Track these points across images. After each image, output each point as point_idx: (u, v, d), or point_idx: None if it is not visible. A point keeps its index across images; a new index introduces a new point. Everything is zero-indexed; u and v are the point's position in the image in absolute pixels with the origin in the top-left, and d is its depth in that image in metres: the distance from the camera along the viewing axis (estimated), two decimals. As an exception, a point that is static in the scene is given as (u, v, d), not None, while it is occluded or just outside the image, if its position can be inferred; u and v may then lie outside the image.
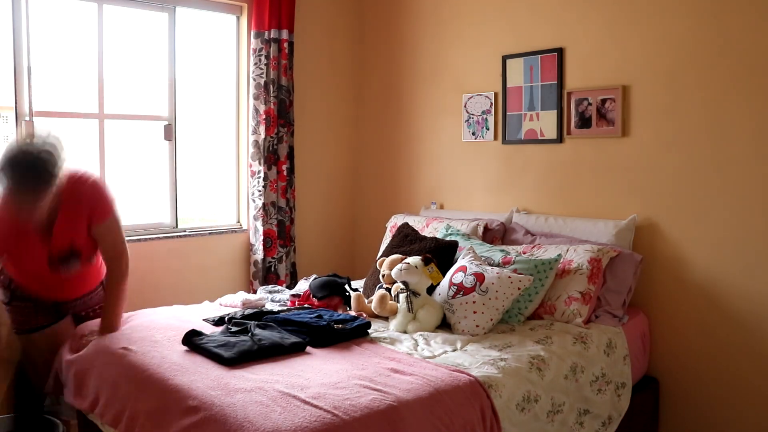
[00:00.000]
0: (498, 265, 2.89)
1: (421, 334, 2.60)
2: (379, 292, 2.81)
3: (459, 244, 3.13)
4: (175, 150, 3.72)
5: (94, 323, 2.66)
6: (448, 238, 3.23)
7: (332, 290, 2.98)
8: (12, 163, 2.23)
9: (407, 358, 2.28)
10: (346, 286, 3.03)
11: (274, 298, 3.13)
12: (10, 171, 2.23)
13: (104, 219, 2.56)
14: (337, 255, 4.43)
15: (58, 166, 2.30)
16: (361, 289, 3.20)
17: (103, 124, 3.48)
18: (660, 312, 3.01)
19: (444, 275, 2.86)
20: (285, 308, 2.84)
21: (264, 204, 3.87)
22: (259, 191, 3.87)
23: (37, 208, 2.33)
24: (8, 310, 2.68)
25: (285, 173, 3.91)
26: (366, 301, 2.90)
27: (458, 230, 3.31)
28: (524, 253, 3.00)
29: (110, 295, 2.64)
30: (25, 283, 2.66)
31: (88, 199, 2.52)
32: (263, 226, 3.88)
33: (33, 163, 2.24)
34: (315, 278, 3.17)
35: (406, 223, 3.40)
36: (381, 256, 3.17)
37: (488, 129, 3.63)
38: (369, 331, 2.56)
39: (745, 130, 2.71)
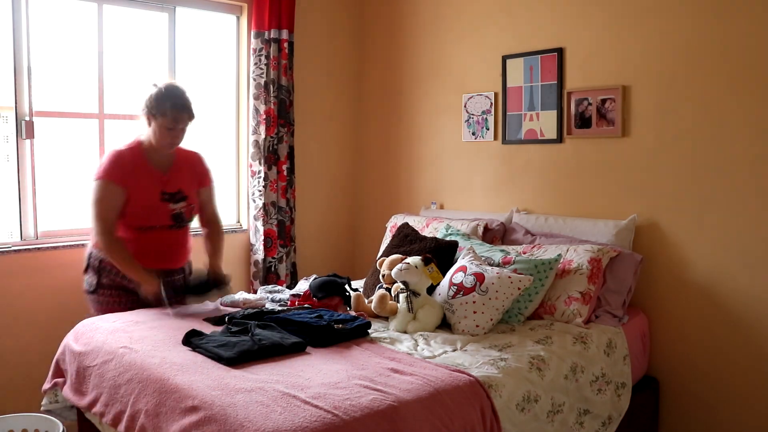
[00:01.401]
0: (498, 265, 2.89)
1: (421, 334, 2.60)
2: (379, 292, 2.81)
3: (459, 244, 3.13)
4: (175, 150, 3.72)
5: (96, 320, 2.66)
6: (448, 238, 3.22)
7: (332, 290, 2.98)
8: (174, 87, 2.80)
9: (407, 358, 2.28)
10: (346, 286, 3.03)
11: (274, 298, 3.13)
12: (176, 93, 2.79)
13: (210, 183, 3.08)
14: (337, 255, 4.43)
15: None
16: (361, 289, 3.20)
17: (103, 124, 3.48)
18: (660, 312, 3.01)
19: (444, 275, 2.86)
20: (285, 308, 2.84)
21: (264, 204, 3.87)
22: (260, 191, 3.87)
23: (184, 134, 2.85)
24: (91, 299, 2.87)
25: (285, 173, 3.91)
26: (366, 301, 2.90)
27: (458, 230, 3.31)
28: (524, 253, 3.00)
29: (219, 245, 3.10)
30: (139, 246, 2.81)
31: (202, 162, 3.06)
32: (263, 226, 3.88)
33: (186, 92, 2.84)
34: (315, 278, 3.17)
35: (406, 223, 3.40)
36: (381, 256, 3.17)
37: (488, 129, 3.63)
38: (369, 331, 2.56)
39: (745, 130, 2.71)
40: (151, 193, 2.82)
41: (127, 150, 2.83)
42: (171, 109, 2.75)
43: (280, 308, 2.85)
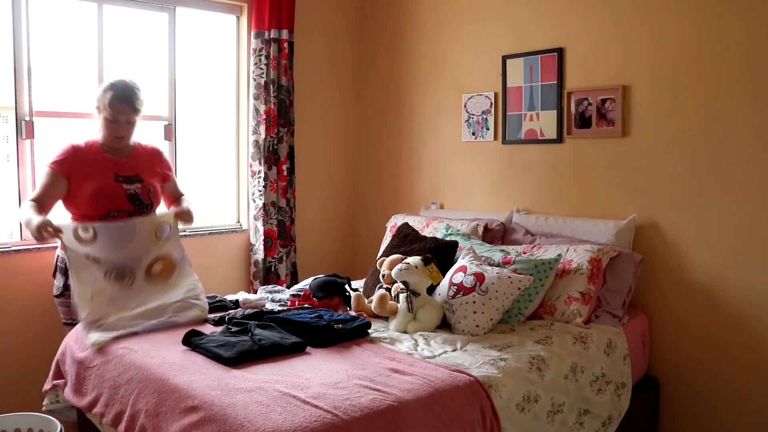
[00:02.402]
0: (498, 265, 2.89)
1: (421, 334, 2.60)
2: (379, 292, 2.81)
3: (459, 244, 3.13)
4: (175, 150, 3.72)
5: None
6: (448, 238, 3.22)
7: (332, 290, 2.98)
8: (117, 84, 2.82)
9: (407, 358, 2.28)
10: (346, 286, 3.03)
11: (274, 298, 3.13)
12: (120, 85, 2.81)
13: (171, 178, 3.10)
14: (337, 255, 4.43)
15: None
16: (361, 289, 3.20)
17: (103, 124, 3.48)
18: (660, 312, 3.01)
19: (444, 275, 2.86)
20: (285, 308, 2.84)
21: (264, 204, 3.87)
22: (260, 191, 3.87)
23: (134, 127, 2.89)
24: (58, 302, 2.88)
25: (285, 173, 3.91)
26: (366, 301, 2.90)
27: (458, 230, 3.31)
28: (524, 253, 3.00)
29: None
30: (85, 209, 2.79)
31: (162, 158, 3.08)
32: (263, 226, 3.88)
33: (135, 86, 2.87)
34: (315, 278, 3.17)
35: (406, 223, 3.40)
36: (381, 256, 3.17)
37: (488, 129, 3.63)
38: (369, 331, 2.56)
39: (745, 129, 2.71)
40: (103, 175, 2.82)
41: (83, 143, 2.87)
42: (112, 101, 2.78)
43: (280, 308, 2.86)
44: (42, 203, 2.72)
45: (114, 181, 2.83)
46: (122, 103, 2.80)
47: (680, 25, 2.87)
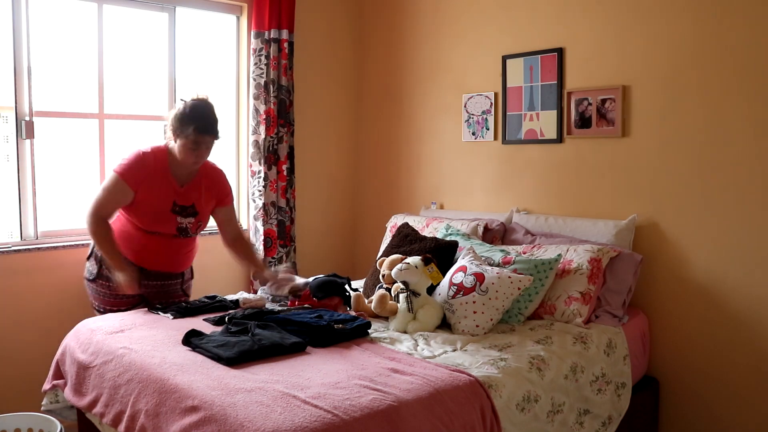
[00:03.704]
0: (498, 265, 2.89)
1: (421, 334, 2.60)
2: (379, 292, 2.81)
3: (459, 244, 3.13)
4: (175, 150, 3.72)
5: (96, 320, 2.66)
6: (448, 238, 3.22)
7: (332, 290, 2.98)
8: (198, 107, 2.80)
9: (407, 358, 2.28)
10: (346, 286, 3.03)
11: (275, 299, 3.13)
12: (200, 113, 2.78)
13: (230, 203, 3.09)
14: (337, 255, 4.43)
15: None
16: (361, 289, 3.20)
17: (103, 124, 3.48)
18: (660, 312, 3.01)
19: (444, 275, 2.86)
20: (285, 308, 2.84)
21: (264, 204, 3.87)
22: (260, 191, 3.87)
23: (211, 149, 2.84)
24: (89, 287, 2.94)
25: (285, 173, 3.91)
26: (366, 301, 2.90)
27: (458, 230, 3.31)
28: (524, 253, 3.00)
29: (253, 256, 3.15)
30: (141, 246, 2.85)
31: (223, 181, 3.05)
32: (263, 226, 3.88)
33: (213, 110, 2.85)
34: (315, 278, 3.17)
35: (406, 223, 3.40)
36: (381, 256, 3.17)
37: (488, 129, 3.63)
38: (369, 331, 2.56)
39: (745, 129, 2.71)
40: (162, 201, 2.83)
41: (152, 154, 2.84)
42: (194, 131, 2.74)
43: (280, 308, 2.86)
44: (107, 212, 2.78)
45: (170, 211, 2.85)
46: (203, 133, 2.78)
47: (680, 25, 2.87)
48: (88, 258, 2.94)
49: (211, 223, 3.16)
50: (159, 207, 2.82)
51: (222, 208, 3.05)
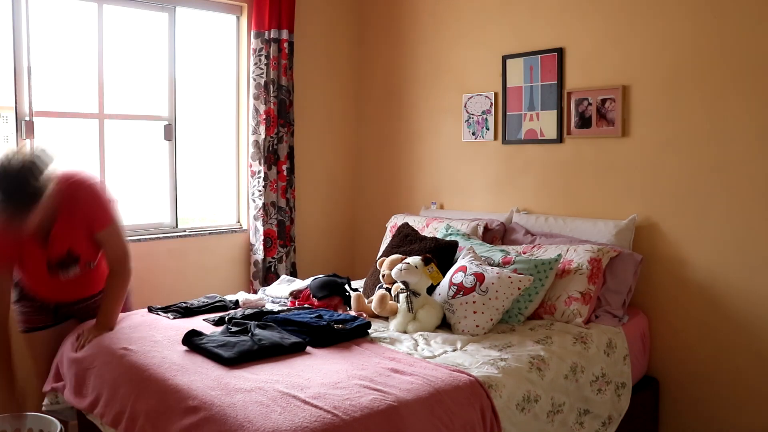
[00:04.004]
0: (498, 265, 2.89)
1: (421, 334, 2.60)
2: (379, 292, 2.81)
3: (459, 244, 3.13)
4: (175, 150, 3.72)
5: (92, 322, 2.66)
6: (448, 238, 3.22)
7: (332, 290, 2.98)
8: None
9: (407, 358, 2.28)
10: (346, 286, 3.03)
11: (275, 299, 3.13)
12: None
13: (105, 226, 2.56)
14: (337, 255, 4.43)
15: (41, 181, 2.27)
16: (361, 289, 3.20)
17: (103, 124, 3.48)
18: (660, 312, 3.01)
19: (444, 275, 2.86)
20: (285, 308, 2.85)
21: (264, 204, 3.87)
22: (259, 191, 3.87)
23: (29, 221, 2.30)
24: (16, 309, 2.76)
25: (285, 173, 3.91)
26: (366, 301, 2.90)
27: (458, 230, 3.31)
28: (524, 253, 3.00)
29: (110, 293, 2.65)
30: (28, 285, 2.69)
31: (86, 206, 2.52)
32: (263, 226, 3.88)
33: (15, 181, 2.22)
34: (315, 279, 3.17)
35: (406, 223, 3.40)
36: (381, 256, 3.17)
37: (488, 129, 3.63)
38: (369, 331, 2.56)
39: (745, 129, 2.71)
40: (36, 267, 2.55)
41: None
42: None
43: (280, 308, 2.86)
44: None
45: (49, 276, 2.57)
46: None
47: (680, 25, 2.87)
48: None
49: (211, 223, 3.15)
50: (36, 273, 2.55)
51: (96, 234, 2.58)
